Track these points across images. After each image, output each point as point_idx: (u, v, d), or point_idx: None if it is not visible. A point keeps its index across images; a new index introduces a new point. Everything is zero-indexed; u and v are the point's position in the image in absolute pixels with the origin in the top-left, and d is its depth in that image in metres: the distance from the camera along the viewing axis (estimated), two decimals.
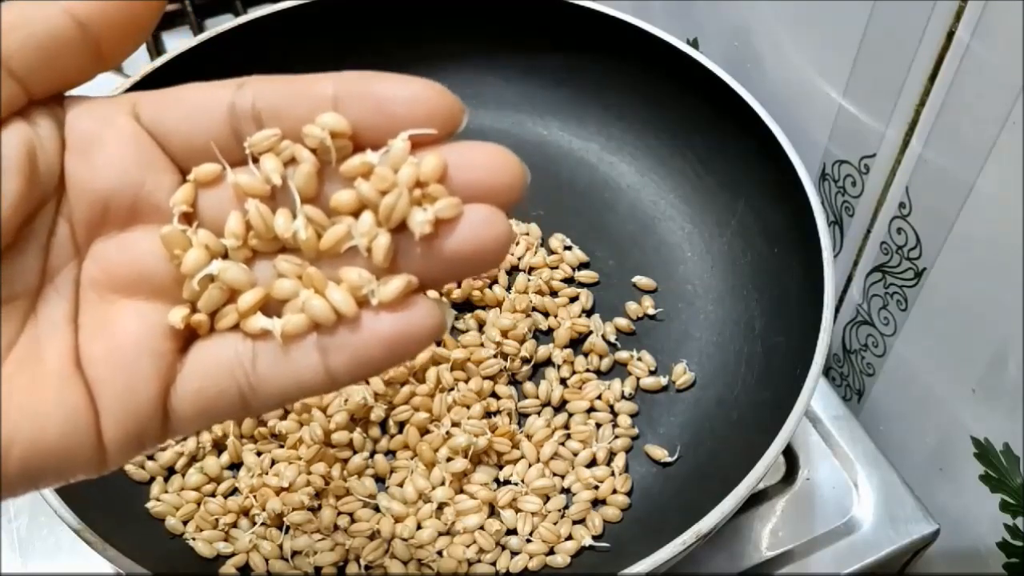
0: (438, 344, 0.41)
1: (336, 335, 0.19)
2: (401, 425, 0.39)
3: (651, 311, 0.43)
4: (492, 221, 0.19)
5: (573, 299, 0.44)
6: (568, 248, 0.45)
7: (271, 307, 0.20)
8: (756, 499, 0.43)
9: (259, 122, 0.20)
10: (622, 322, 0.43)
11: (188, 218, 0.20)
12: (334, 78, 0.20)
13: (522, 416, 0.40)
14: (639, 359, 0.42)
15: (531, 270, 0.44)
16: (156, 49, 0.60)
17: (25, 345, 0.19)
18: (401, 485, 0.38)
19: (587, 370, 0.41)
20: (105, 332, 0.20)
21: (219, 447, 0.39)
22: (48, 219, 0.20)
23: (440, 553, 0.36)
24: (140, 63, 0.45)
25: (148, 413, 0.20)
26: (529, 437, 0.39)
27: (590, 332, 0.42)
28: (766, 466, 0.33)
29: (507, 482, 0.38)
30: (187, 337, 0.20)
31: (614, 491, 0.38)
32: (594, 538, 0.37)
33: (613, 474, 0.38)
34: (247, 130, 0.20)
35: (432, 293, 0.26)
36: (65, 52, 0.19)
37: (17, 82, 0.19)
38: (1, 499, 0.19)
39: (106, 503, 0.35)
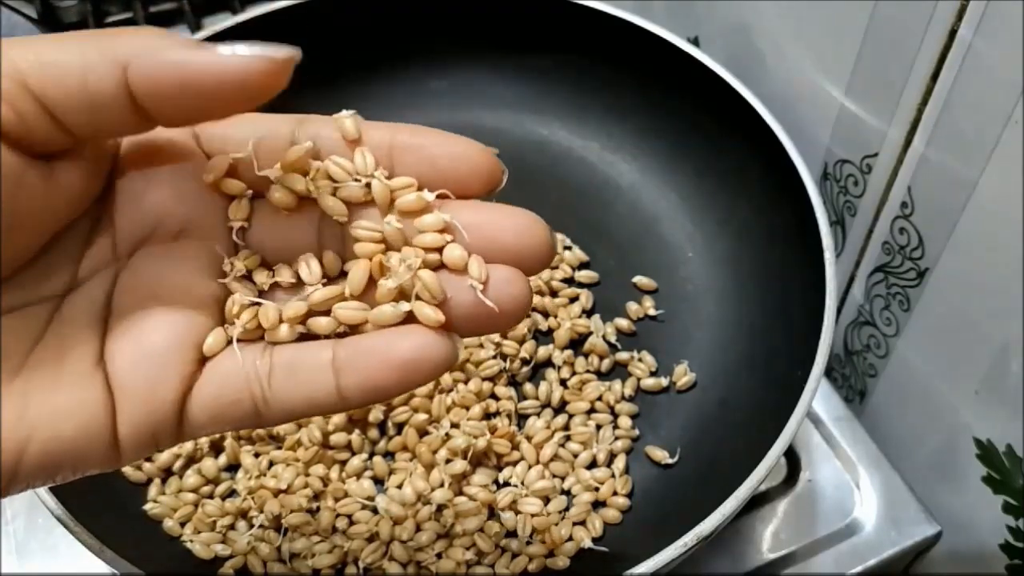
0: None
1: (352, 352, 0.21)
2: (400, 426, 0.39)
3: (652, 311, 0.43)
4: (512, 282, 0.20)
5: (573, 299, 0.43)
6: (568, 248, 0.45)
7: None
8: (758, 501, 0.43)
9: (316, 157, 0.21)
10: (623, 323, 0.43)
11: (243, 233, 0.21)
12: (390, 128, 0.21)
13: (522, 417, 0.40)
14: (640, 360, 0.42)
15: None
16: None
17: (49, 343, 0.20)
18: (400, 487, 0.38)
19: (587, 371, 0.41)
20: (134, 335, 0.20)
21: (217, 449, 0.39)
22: (85, 230, 0.21)
23: (439, 555, 0.36)
24: None
25: (165, 416, 0.20)
26: (529, 438, 0.39)
27: (590, 333, 0.42)
28: (768, 467, 0.32)
29: (507, 484, 0.38)
30: None
31: (614, 493, 0.38)
32: (594, 540, 0.36)
33: (613, 476, 0.38)
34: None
35: None
36: (114, 116, 0.19)
37: (63, 132, 0.19)
38: (19, 492, 0.20)
39: (103, 505, 0.35)
